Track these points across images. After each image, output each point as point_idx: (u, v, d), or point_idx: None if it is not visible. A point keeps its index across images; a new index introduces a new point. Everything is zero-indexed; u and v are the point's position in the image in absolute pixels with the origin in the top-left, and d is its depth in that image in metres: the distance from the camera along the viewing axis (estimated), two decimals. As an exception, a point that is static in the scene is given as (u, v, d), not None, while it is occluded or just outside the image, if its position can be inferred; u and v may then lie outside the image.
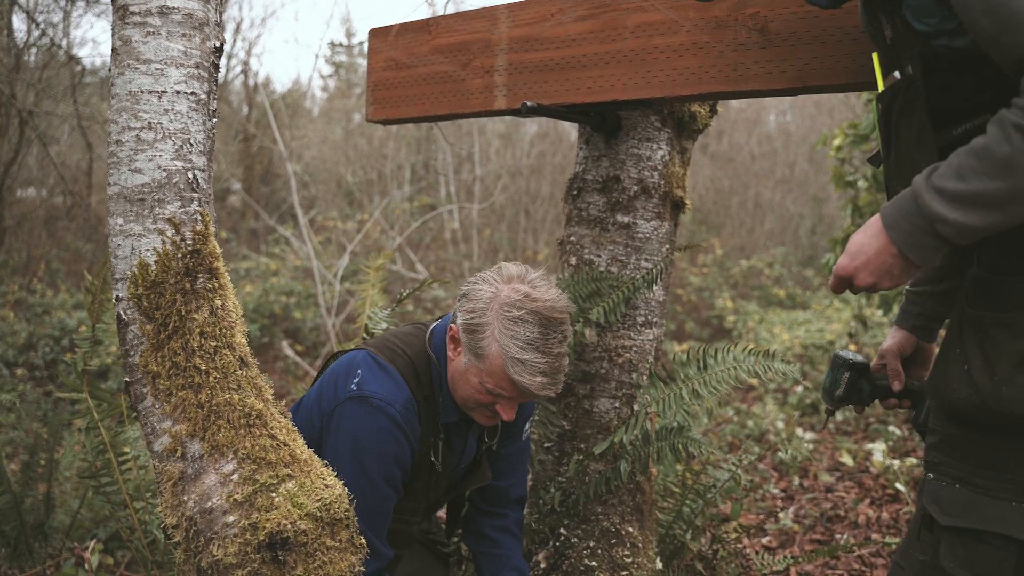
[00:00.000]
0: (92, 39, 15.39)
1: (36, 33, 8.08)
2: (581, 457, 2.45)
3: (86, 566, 2.66)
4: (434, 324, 2.09)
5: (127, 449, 2.73)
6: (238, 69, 14.73)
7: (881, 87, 1.53)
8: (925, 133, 1.40)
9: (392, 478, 1.92)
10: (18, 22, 8.11)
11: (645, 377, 2.49)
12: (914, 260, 1.34)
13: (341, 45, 17.72)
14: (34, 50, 8.58)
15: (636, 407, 2.47)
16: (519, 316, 1.82)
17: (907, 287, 1.82)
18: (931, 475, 1.51)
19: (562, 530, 2.46)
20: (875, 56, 1.57)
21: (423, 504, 2.12)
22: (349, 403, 1.90)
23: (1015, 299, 1.37)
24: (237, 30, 14.64)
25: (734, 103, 14.00)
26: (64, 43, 9.22)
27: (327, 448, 1.91)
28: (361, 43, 15.86)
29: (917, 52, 1.40)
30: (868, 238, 1.39)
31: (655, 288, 2.50)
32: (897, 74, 1.45)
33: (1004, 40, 1.21)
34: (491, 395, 1.89)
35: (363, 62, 15.65)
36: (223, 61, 13.89)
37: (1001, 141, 1.20)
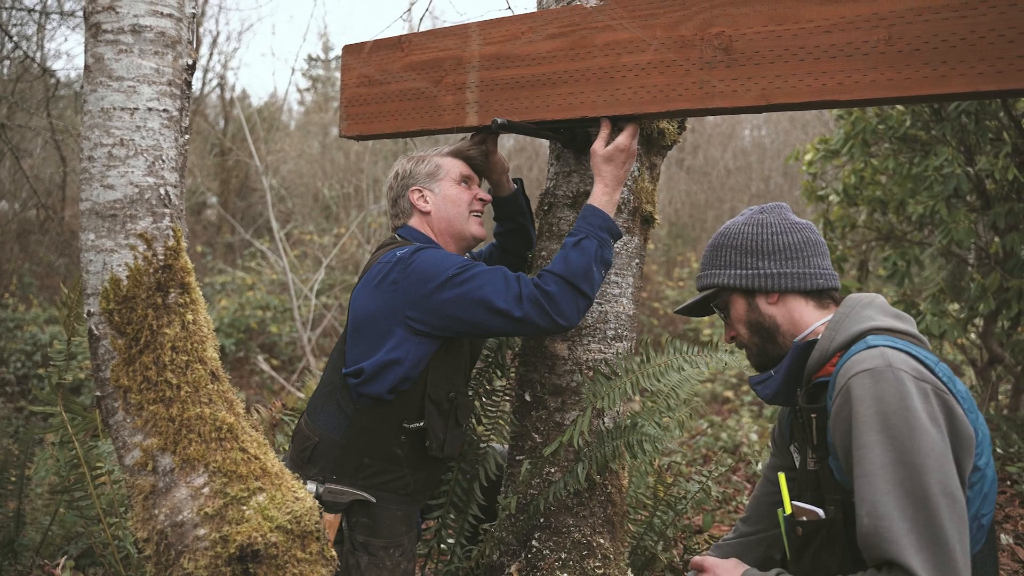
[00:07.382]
0: (66, 52, 15.32)
1: (9, 46, 8.03)
2: (534, 459, 2.46)
3: (56, 582, 2.64)
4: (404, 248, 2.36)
5: (101, 464, 2.73)
6: (214, 83, 14.70)
7: (788, 508, 1.82)
8: (844, 564, 1.70)
9: None
10: (-9, 35, 8.05)
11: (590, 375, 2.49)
12: None
13: (318, 59, 17.76)
14: (7, 62, 8.52)
15: (583, 404, 2.47)
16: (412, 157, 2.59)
17: None
18: None
19: (534, 542, 2.47)
20: (782, 477, 1.88)
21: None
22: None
23: None
24: (214, 43, 14.62)
25: (709, 118, 14.17)
26: (38, 56, 9.18)
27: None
28: (338, 57, 15.90)
29: (840, 500, 1.71)
30: None
31: (624, 302, 2.53)
32: (821, 512, 1.75)
33: (871, 540, 1.54)
34: (466, 183, 2.54)
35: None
36: (199, 74, 13.80)
37: None
